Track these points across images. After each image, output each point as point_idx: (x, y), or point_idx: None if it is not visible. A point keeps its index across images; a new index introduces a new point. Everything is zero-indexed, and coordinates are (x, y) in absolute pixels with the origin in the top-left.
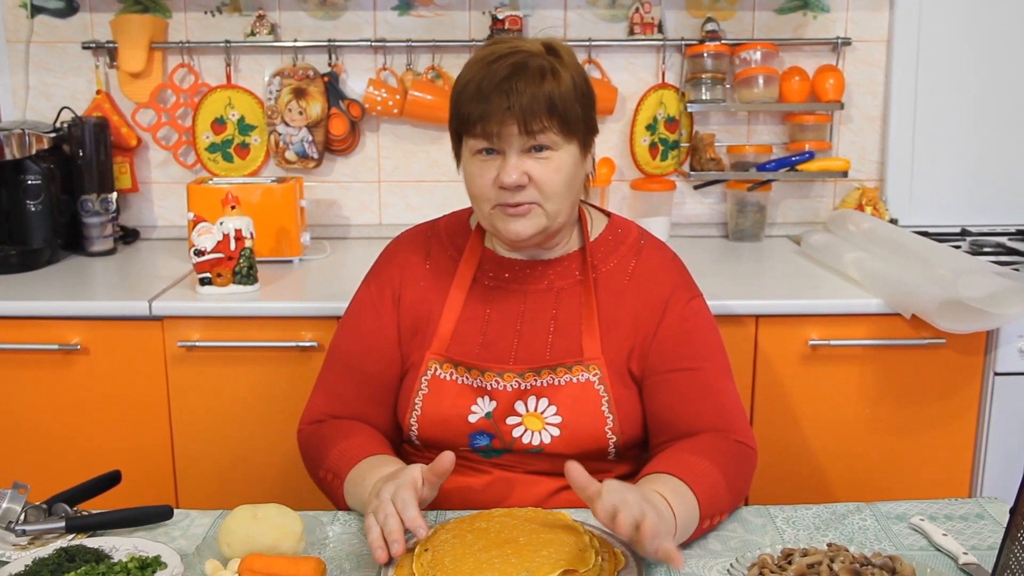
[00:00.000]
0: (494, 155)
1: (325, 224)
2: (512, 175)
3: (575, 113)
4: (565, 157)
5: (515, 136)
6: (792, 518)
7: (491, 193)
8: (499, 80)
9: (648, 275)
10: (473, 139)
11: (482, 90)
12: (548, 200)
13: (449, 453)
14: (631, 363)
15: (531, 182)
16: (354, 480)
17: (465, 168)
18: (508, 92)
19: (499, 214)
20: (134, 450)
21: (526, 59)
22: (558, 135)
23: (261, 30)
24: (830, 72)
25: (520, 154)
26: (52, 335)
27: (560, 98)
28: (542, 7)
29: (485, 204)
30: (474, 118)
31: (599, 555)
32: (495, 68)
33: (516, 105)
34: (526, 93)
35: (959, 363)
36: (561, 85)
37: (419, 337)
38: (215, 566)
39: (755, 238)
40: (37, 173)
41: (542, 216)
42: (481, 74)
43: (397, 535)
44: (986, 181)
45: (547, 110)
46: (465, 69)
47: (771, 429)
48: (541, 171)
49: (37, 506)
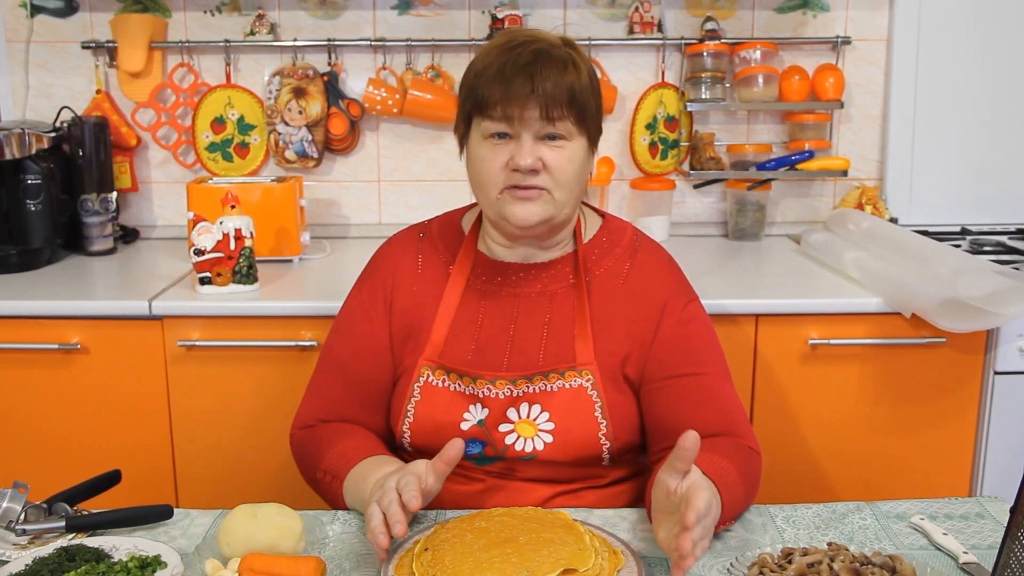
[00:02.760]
0: (507, 139)
1: (325, 223)
2: (528, 158)
3: (591, 107)
4: (577, 148)
5: (534, 120)
6: (792, 517)
7: (500, 177)
8: (523, 64)
9: (643, 279)
10: (489, 121)
11: (504, 73)
12: (559, 188)
13: (457, 440)
14: (627, 368)
15: (544, 168)
16: (354, 480)
17: (473, 153)
18: (532, 76)
19: (507, 198)
20: (134, 449)
21: (548, 47)
22: (574, 126)
23: (261, 29)
24: (830, 71)
25: (535, 140)
26: (52, 335)
27: (580, 90)
28: (541, 6)
29: (493, 189)
30: (495, 100)
31: (599, 554)
32: (517, 53)
33: (540, 90)
34: (549, 79)
35: (959, 362)
36: (580, 78)
37: (412, 342)
38: (215, 565)
39: (755, 237)
40: (37, 173)
41: (550, 203)
42: (503, 59)
43: (399, 516)
44: (986, 180)
45: (568, 99)
46: (481, 55)
47: (771, 428)
48: (555, 158)
49: (37, 505)
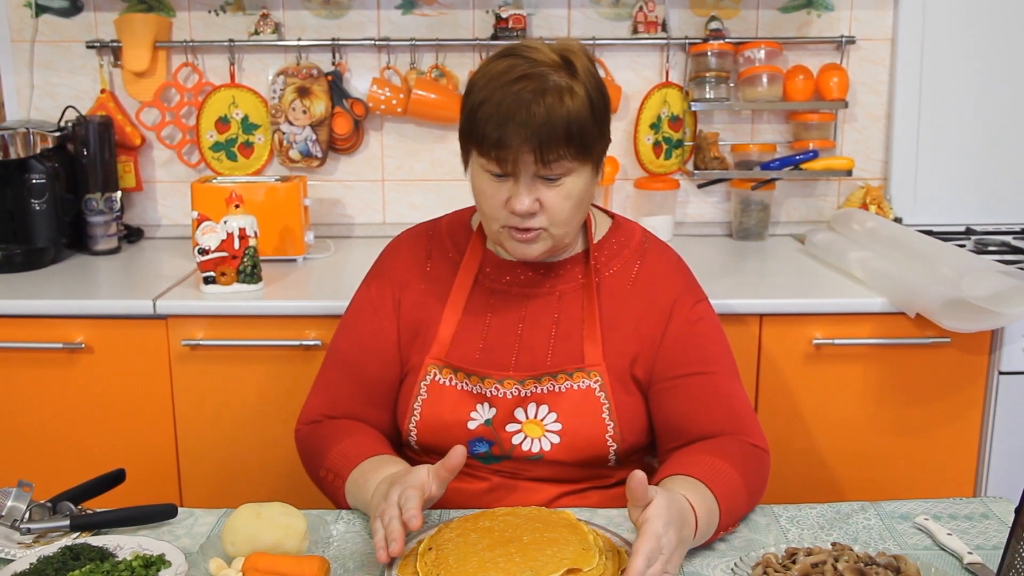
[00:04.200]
0: (505, 178)
1: (329, 223)
2: (524, 202)
3: (591, 136)
4: (578, 181)
5: (530, 164)
6: (796, 517)
7: (501, 214)
8: (518, 106)
9: (652, 280)
10: (485, 159)
11: (500, 113)
12: (555, 225)
13: (460, 447)
14: (635, 369)
15: (542, 208)
16: (356, 481)
17: (474, 180)
18: (527, 123)
19: (507, 235)
20: (138, 449)
21: (544, 82)
22: (573, 161)
23: (265, 29)
24: (834, 71)
25: (532, 178)
26: (56, 334)
27: (577, 124)
28: (546, 6)
29: (494, 223)
30: (490, 143)
31: (603, 554)
32: (515, 91)
33: (534, 137)
34: (546, 124)
35: (964, 362)
36: (578, 106)
37: (419, 340)
38: (219, 565)
39: (759, 237)
40: (41, 172)
41: (549, 240)
42: (499, 96)
43: (396, 534)
44: (991, 180)
45: (564, 138)
46: (480, 83)
47: (775, 428)
48: (552, 198)
49: (42, 504)
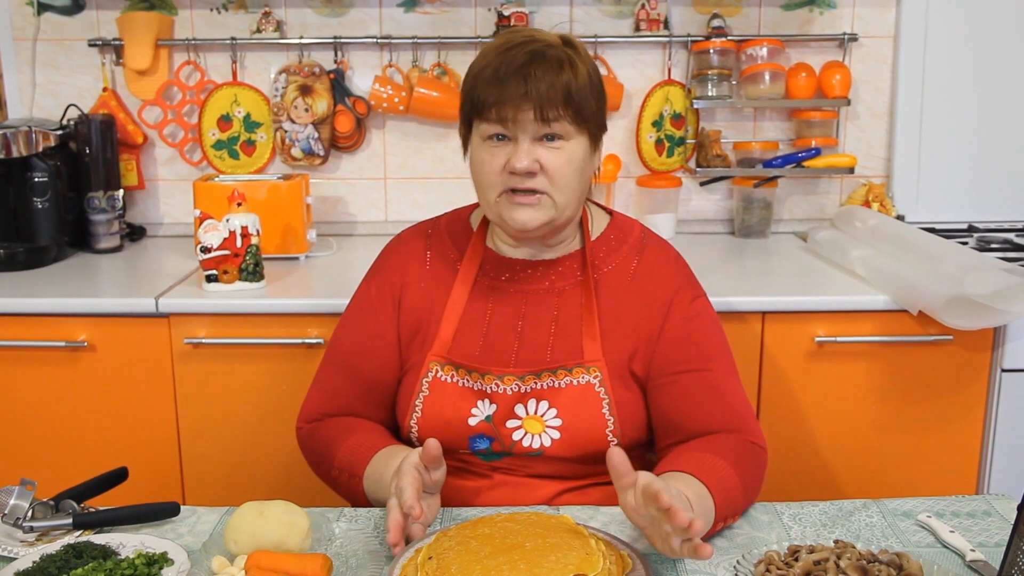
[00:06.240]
0: (505, 141)
1: (331, 221)
2: (524, 160)
3: (589, 106)
4: (576, 148)
5: (529, 122)
6: (799, 515)
7: (499, 179)
8: (517, 66)
9: (650, 275)
10: (486, 123)
11: (499, 75)
12: (557, 190)
13: (432, 440)
14: (634, 365)
15: (542, 170)
16: (372, 478)
17: (473, 155)
18: (526, 78)
19: (506, 202)
20: (141, 447)
21: (544, 48)
22: (571, 125)
23: (267, 27)
24: (837, 68)
25: (532, 142)
26: (59, 332)
27: (576, 89)
28: (548, 3)
29: (492, 191)
30: (490, 102)
31: (606, 558)
32: (513, 54)
33: (533, 91)
34: (544, 80)
35: (966, 360)
36: (578, 77)
37: (420, 338)
38: (222, 563)
39: (761, 235)
40: (44, 170)
41: (551, 207)
42: (498, 60)
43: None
44: (993, 177)
45: (563, 99)
46: (480, 57)
47: (777, 426)
48: (553, 160)
49: (44, 503)
